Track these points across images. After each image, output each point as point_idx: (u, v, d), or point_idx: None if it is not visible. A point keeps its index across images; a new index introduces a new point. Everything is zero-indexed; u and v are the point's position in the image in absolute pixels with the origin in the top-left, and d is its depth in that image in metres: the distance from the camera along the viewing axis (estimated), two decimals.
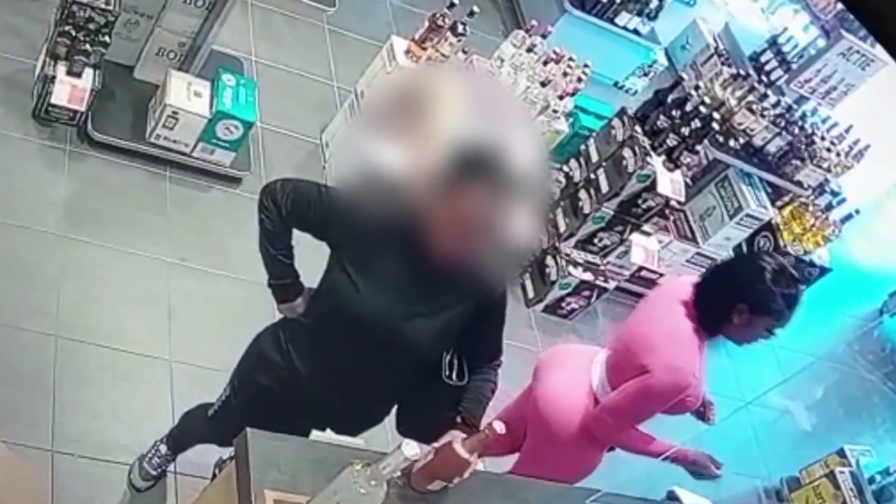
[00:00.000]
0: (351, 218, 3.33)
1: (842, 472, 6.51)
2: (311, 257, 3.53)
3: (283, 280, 3.59)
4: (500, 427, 3.20)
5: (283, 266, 3.57)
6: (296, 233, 3.52)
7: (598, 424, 4.12)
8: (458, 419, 3.46)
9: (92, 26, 5.05)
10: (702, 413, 4.39)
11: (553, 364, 4.53)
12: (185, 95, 5.41)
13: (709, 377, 6.87)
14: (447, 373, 3.52)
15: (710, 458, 4.29)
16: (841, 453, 6.70)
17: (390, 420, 3.78)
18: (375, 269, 3.29)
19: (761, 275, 3.87)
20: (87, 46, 5.10)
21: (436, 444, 3.33)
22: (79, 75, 5.18)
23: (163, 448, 4.29)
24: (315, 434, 3.42)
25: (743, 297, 3.90)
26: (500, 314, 3.56)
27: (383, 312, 3.31)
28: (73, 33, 5.05)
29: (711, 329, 4.00)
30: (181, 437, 4.26)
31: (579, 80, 6.09)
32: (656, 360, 3.98)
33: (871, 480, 6.61)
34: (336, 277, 3.36)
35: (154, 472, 4.31)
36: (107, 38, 5.13)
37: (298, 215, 3.44)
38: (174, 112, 5.36)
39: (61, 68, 5.16)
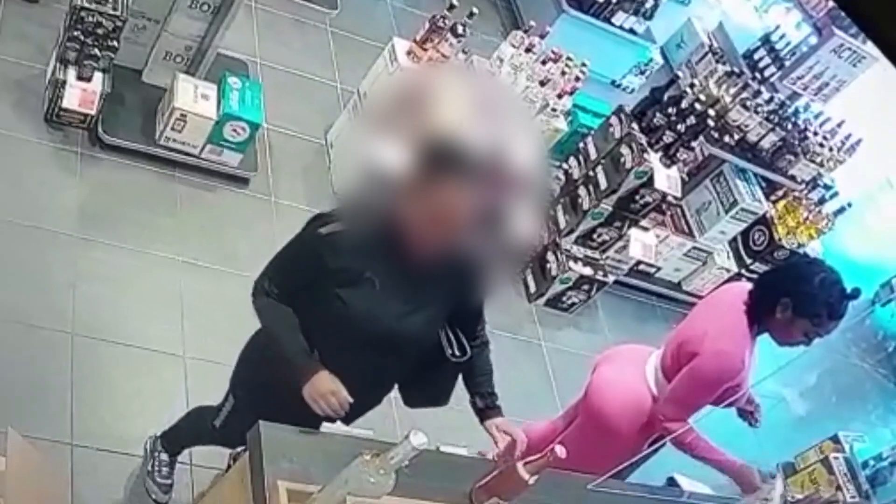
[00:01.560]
0: (339, 247, 3.29)
1: (836, 458, 6.54)
2: None
3: (304, 349, 3.42)
4: (562, 452, 3.29)
5: (298, 337, 3.43)
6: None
7: (659, 419, 4.26)
8: (484, 403, 3.66)
9: (100, 31, 5.08)
10: (748, 412, 4.54)
11: (609, 360, 4.69)
12: (193, 98, 5.44)
13: None
14: (450, 351, 3.61)
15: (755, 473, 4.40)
16: (835, 439, 6.73)
17: (399, 410, 3.82)
18: (366, 283, 3.29)
19: (811, 278, 4.06)
20: (97, 51, 5.13)
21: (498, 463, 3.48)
22: (89, 79, 5.21)
23: (164, 457, 4.32)
24: (325, 426, 3.45)
25: (788, 292, 4.06)
26: (483, 285, 3.66)
27: (380, 321, 3.35)
28: (83, 38, 5.08)
29: (758, 319, 4.14)
30: (181, 440, 4.29)
31: (577, 78, 6.11)
32: (706, 346, 4.16)
33: (865, 465, 6.65)
34: (327, 301, 3.34)
35: (169, 481, 4.33)
36: (115, 43, 5.16)
37: (293, 284, 3.40)
38: (182, 115, 5.39)
39: (71, 73, 5.19)
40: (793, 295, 4.05)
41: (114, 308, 4.89)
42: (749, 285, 4.36)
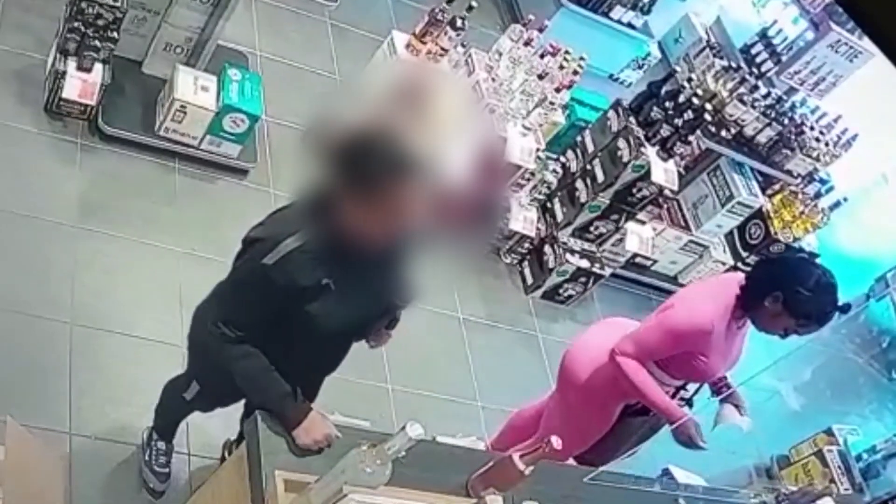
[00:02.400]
0: (291, 269, 3.15)
1: (830, 451, 6.56)
2: None
3: (286, 393, 3.35)
4: (556, 442, 3.29)
5: (278, 381, 3.35)
6: None
7: (617, 355, 4.23)
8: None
9: (101, 22, 5.06)
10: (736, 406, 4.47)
11: (590, 329, 4.74)
12: (193, 90, 5.42)
13: None
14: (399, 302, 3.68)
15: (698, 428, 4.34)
16: (829, 432, 6.75)
17: (395, 401, 3.82)
18: (325, 290, 3.22)
19: (808, 278, 4.04)
20: (97, 42, 5.11)
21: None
22: (89, 70, 5.19)
23: (161, 445, 4.32)
24: (323, 415, 3.46)
25: (783, 286, 4.04)
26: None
27: (345, 317, 3.35)
28: (83, 29, 5.06)
29: (745, 303, 4.13)
30: (166, 419, 4.29)
31: (575, 72, 6.10)
32: (680, 296, 4.28)
33: (858, 458, 6.67)
34: (296, 319, 3.28)
35: (166, 470, 4.33)
36: (115, 34, 5.14)
37: (256, 321, 3.29)
38: (182, 106, 5.38)
39: (71, 63, 5.17)
40: (786, 290, 4.03)
41: (112, 298, 4.88)
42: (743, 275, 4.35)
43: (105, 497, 4.24)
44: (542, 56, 6.04)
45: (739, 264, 7.27)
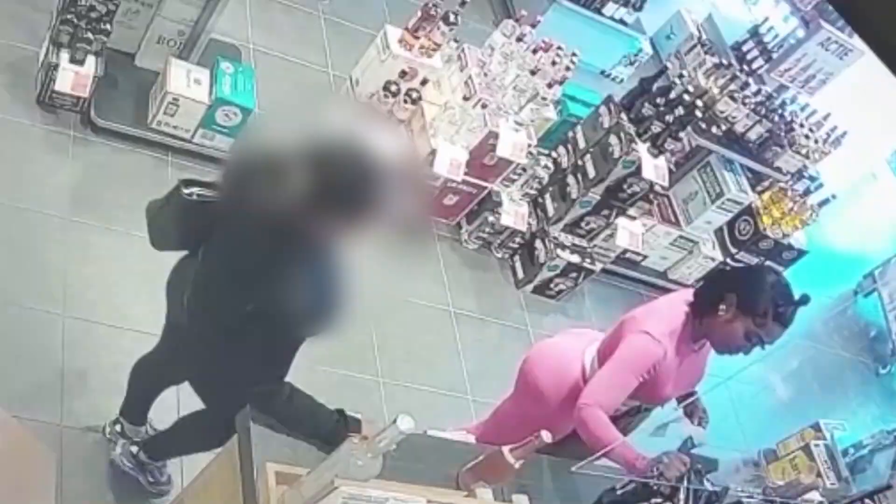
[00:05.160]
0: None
1: (816, 445, 6.56)
2: None
3: (335, 419, 3.32)
4: (547, 437, 3.26)
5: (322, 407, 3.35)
6: None
7: (581, 406, 3.90)
8: None
9: (94, 15, 5.01)
10: (697, 417, 4.35)
11: (555, 337, 4.61)
12: (185, 83, 5.38)
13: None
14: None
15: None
16: (816, 427, 6.75)
17: (387, 396, 3.80)
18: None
19: (762, 277, 3.95)
20: (89, 35, 5.06)
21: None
22: (81, 63, 5.14)
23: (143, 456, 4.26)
24: None
25: (737, 287, 3.92)
26: None
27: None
28: (76, 21, 5.01)
29: (699, 315, 3.96)
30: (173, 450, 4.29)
31: (567, 68, 6.08)
32: (632, 326, 3.99)
33: (845, 453, 6.68)
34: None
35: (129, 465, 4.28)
36: (108, 27, 5.09)
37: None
38: (175, 99, 5.34)
39: (64, 56, 5.12)
40: (739, 291, 3.88)
41: (105, 289, 4.85)
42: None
43: (95, 488, 4.21)
44: (534, 52, 6.02)
45: (729, 260, 7.28)
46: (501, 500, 3.51)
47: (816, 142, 7.09)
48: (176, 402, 4.36)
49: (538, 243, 6.58)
